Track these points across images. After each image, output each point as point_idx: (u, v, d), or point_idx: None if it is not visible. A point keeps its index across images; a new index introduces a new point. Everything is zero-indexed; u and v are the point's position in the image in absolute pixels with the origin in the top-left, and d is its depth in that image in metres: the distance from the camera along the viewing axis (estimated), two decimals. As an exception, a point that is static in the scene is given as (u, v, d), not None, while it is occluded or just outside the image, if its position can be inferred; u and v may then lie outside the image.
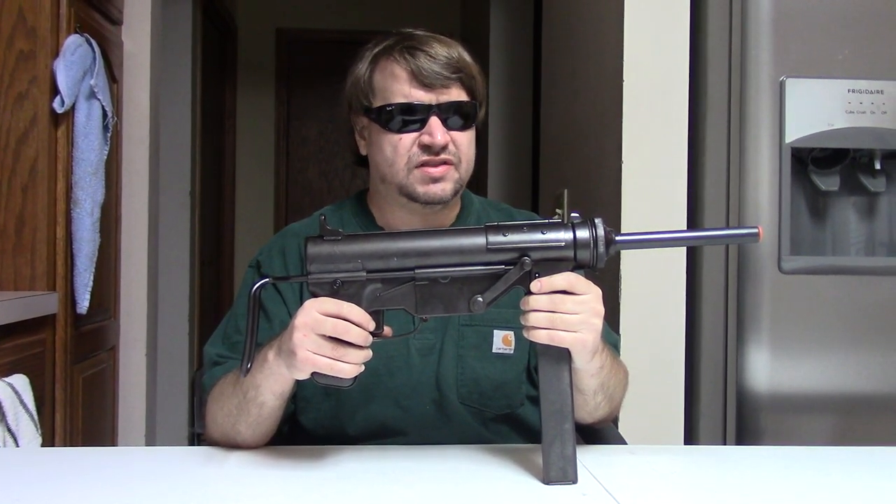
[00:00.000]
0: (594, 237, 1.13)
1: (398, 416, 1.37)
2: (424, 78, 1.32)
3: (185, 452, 1.42)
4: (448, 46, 1.35)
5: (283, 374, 1.16)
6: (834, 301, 1.97)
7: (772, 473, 1.22)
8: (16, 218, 2.22)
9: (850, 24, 1.97)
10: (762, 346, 1.96)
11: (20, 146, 2.22)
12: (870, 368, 1.96)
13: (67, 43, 2.26)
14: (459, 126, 1.34)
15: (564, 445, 1.11)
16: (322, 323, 1.10)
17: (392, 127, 1.33)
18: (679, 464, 1.30)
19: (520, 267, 1.12)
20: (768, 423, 1.96)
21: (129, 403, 2.86)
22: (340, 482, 1.14)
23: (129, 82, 2.82)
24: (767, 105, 1.96)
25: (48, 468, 1.23)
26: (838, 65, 1.96)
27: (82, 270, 2.32)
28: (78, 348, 2.39)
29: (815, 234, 2.03)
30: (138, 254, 2.89)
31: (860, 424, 1.97)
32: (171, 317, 3.88)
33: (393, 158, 1.33)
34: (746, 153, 1.98)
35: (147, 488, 1.11)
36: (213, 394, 1.29)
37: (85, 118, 2.31)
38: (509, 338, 1.38)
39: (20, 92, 2.22)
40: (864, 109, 1.94)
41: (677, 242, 1.31)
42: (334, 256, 1.13)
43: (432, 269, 1.13)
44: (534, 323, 1.12)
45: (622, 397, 1.36)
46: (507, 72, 4.04)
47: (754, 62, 1.97)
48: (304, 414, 1.38)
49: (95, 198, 2.35)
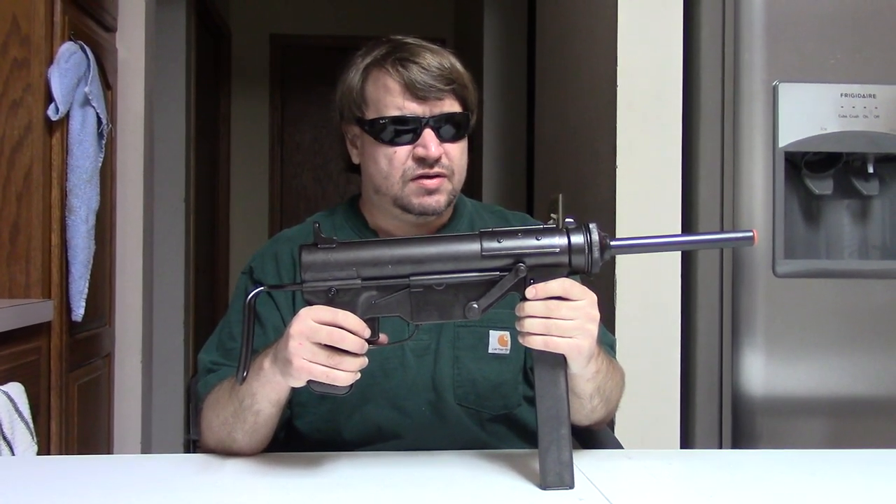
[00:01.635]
0: (589, 242, 1.13)
1: (394, 418, 1.36)
2: (418, 90, 1.32)
3: (180, 460, 1.42)
4: (440, 56, 1.35)
5: (278, 381, 1.16)
6: (828, 304, 1.98)
7: (767, 477, 1.23)
8: (10, 226, 2.22)
9: (842, 29, 1.98)
10: (757, 350, 1.96)
11: (15, 154, 2.21)
12: (864, 371, 1.97)
13: (62, 50, 2.26)
14: (452, 136, 1.34)
15: (561, 450, 1.11)
16: (317, 331, 1.10)
17: (385, 138, 1.33)
18: (675, 468, 1.30)
19: (515, 273, 1.12)
20: (763, 427, 1.97)
21: (124, 411, 2.85)
22: (337, 489, 1.14)
23: (124, 89, 2.82)
24: (761, 109, 1.97)
25: (44, 476, 1.23)
26: (831, 69, 1.97)
27: (77, 278, 2.31)
28: (73, 356, 2.38)
29: (808, 238, 2.04)
30: (133, 261, 2.88)
31: (855, 427, 1.98)
32: (166, 323, 3.87)
33: (388, 171, 1.33)
34: (740, 157, 1.99)
35: (143, 496, 1.11)
36: (209, 401, 1.29)
37: (79, 125, 2.31)
38: (505, 338, 1.38)
39: (14, 99, 2.21)
40: (857, 113, 1.95)
41: (672, 247, 1.31)
42: (329, 264, 1.13)
43: (427, 277, 1.13)
44: (529, 329, 1.12)
45: (619, 399, 1.36)
46: (501, 76, 4.04)
47: (747, 67, 1.98)
48: (300, 418, 1.38)
49: (90, 205, 2.35)
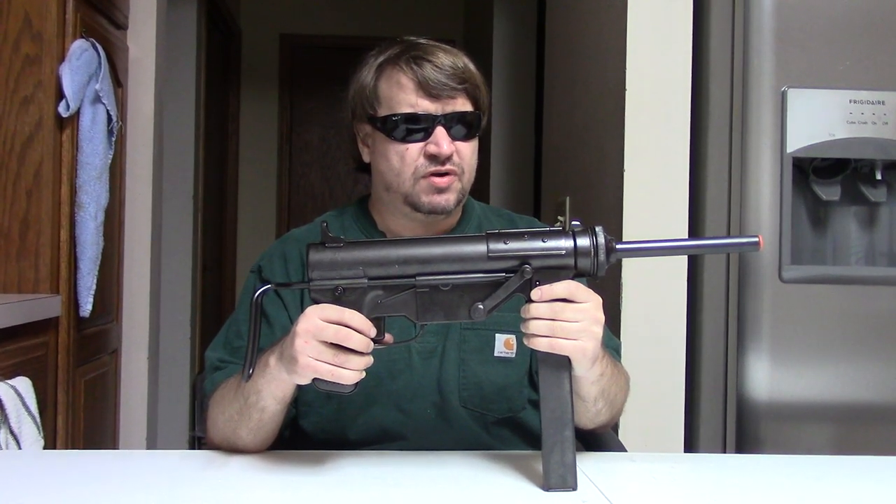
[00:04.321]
0: (595, 245, 1.13)
1: (399, 420, 1.37)
2: (431, 88, 1.32)
3: (186, 456, 1.43)
4: (453, 56, 1.36)
5: (284, 379, 1.17)
6: (834, 310, 1.97)
7: (771, 482, 1.23)
8: (20, 221, 2.23)
9: (851, 35, 1.98)
10: (762, 355, 1.96)
11: (25, 150, 2.23)
12: (870, 378, 1.97)
13: (73, 47, 2.27)
14: (463, 136, 1.35)
15: (564, 452, 1.12)
16: (324, 329, 1.10)
17: (397, 136, 1.33)
18: (678, 471, 1.30)
19: (520, 275, 1.13)
20: (768, 432, 1.96)
21: (130, 406, 2.87)
22: (341, 487, 1.14)
23: (134, 87, 2.83)
24: (769, 115, 1.97)
25: (50, 471, 1.24)
26: (839, 75, 1.97)
27: (86, 274, 2.33)
28: (80, 351, 2.39)
29: (815, 244, 2.03)
30: (141, 257, 2.89)
31: (860, 433, 1.97)
32: (173, 320, 3.88)
33: (400, 168, 1.34)
34: (748, 163, 1.99)
35: (148, 492, 1.12)
36: (215, 398, 1.30)
37: (90, 122, 2.32)
38: (511, 341, 1.39)
39: (26, 96, 2.23)
40: (866, 120, 1.95)
41: (678, 251, 1.32)
42: (336, 263, 1.13)
43: (433, 277, 1.14)
44: (534, 331, 1.12)
45: (623, 403, 1.36)
46: (510, 79, 4.04)
47: (756, 72, 1.98)
48: (306, 418, 1.39)
49: (99, 202, 2.36)
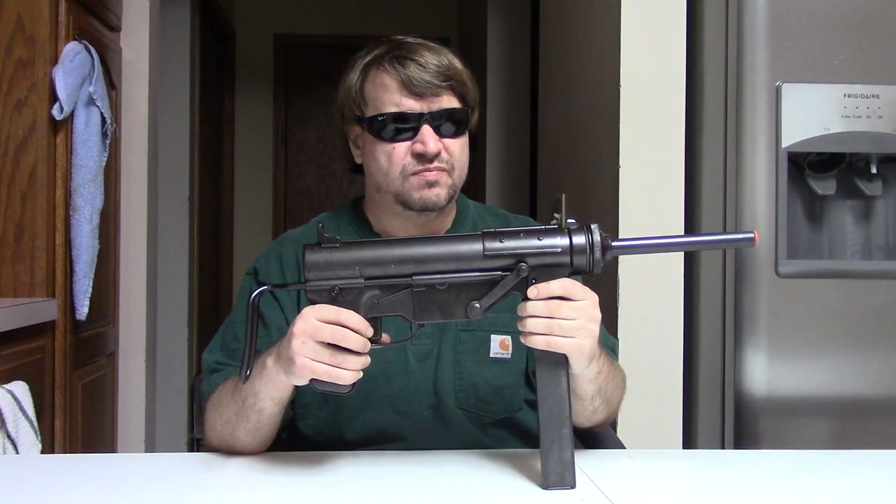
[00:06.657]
0: (590, 243, 1.13)
1: (396, 422, 1.37)
2: (414, 87, 1.32)
3: (184, 459, 1.43)
4: (438, 54, 1.36)
5: (281, 380, 1.16)
6: (831, 305, 1.97)
7: (770, 477, 1.23)
8: (15, 225, 2.22)
9: (845, 29, 1.98)
10: (760, 350, 1.96)
11: (19, 153, 2.22)
12: (867, 372, 1.97)
13: (66, 50, 2.26)
14: (452, 133, 1.35)
15: (562, 450, 1.12)
16: (320, 330, 1.10)
17: (384, 136, 1.34)
18: (677, 468, 1.30)
19: (516, 273, 1.13)
20: (766, 427, 1.96)
21: (128, 409, 2.86)
22: (339, 488, 1.14)
23: (128, 89, 2.82)
24: (764, 110, 1.97)
25: (48, 475, 1.23)
26: (834, 69, 1.97)
27: (81, 277, 2.32)
28: (77, 355, 2.39)
29: (811, 238, 2.04)
30: (137, 260, 2.89)
31: (858, 428, 1.98)
32: (170, 323, 3.88)
33: (388, 168, 1.34)
34: (743, 158, 1.99)
35: (146, 495, 1.12)
36: (212, 401, 1.30)
37: (84, 125, 2.32)
38: (507, 342, 1.39)
39: (19, 99, 2.22)
40: (861, 114, 1.95)
41: (674, 247, 1.31)
42: (332, 264, 1.13)
43: (429, 276, 1.14)
44: (531, 329, 1.12)
45: (620, 401, 1.36)
46: (505, 76, 4.04)
47: (750, 67, 1.98)
48: (303, 420, 1.39)
49: (94, 204, 2.35)
